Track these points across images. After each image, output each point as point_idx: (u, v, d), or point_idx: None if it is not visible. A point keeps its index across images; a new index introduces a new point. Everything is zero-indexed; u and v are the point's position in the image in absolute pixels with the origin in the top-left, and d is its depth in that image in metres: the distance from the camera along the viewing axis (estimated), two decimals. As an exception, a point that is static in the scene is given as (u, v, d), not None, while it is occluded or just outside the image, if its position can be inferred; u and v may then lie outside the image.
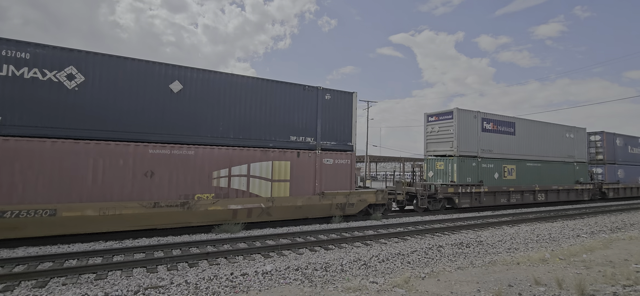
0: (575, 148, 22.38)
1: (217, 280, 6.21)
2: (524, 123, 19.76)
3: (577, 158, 22.53)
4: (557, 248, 9.41)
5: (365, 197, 13.32)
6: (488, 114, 18.03)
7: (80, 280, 6.24)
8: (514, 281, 6.24)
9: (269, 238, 9.73)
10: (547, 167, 20.45)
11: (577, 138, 22.72)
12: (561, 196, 20.92)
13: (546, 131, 20.92)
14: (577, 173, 22.29)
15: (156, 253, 8.16)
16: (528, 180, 19.30)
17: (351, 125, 13.38)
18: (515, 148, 19.04)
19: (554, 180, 20.62)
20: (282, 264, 7.27)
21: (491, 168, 17.81)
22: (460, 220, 13.69)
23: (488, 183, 17.54)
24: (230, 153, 10.79)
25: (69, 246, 8.65)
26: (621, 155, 26.42)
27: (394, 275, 6.86)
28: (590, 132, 25.63)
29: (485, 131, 17.81)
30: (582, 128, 23.33)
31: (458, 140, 16.73)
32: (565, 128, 22.12)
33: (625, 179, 26.23)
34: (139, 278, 6.36)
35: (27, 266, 6.96)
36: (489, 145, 17.87)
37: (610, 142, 25.57)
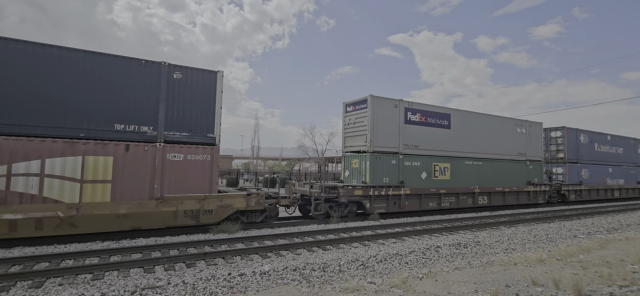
0: (528, 145, 19.67)
1: (214, 281, 6.19)
2: (462, 115, 17.08)
3: (531, 156, 19.79)
4: (554, 249, 9.45)
5: (230, 201, 10.78)
6: (414, 104, 15.45)
7: (77, 280, 6.21)
8: (512, 281, 6.25)
9: (267, 239, 9.71)
10: (491, 166, 17.79)
11: (531, 134, 19.99)
12: (509, 199, 18.16)
13: (491, 125, 18.18)
14: (530, 173, 19.59)
15: (153, 253, 8.13)
16: (466, 181, 16.65)
17: (214, 112, 10.77)
18: (450, 143, 16.36)
19: (500, 181, 17.94)
20: (280, 264, 7.26)
21: (417, 167, 15.22)
22: (457, 221, 13.71)
23: (412, 184, 14.91)
24: (9, 145, 8.15)
25: (66, 246, 8.60)
26: (586, 153, 23.91)
27: (392, 275, 6.87)
28: (550, 128, 23.54)
29: (409, 123, 15.12)
30: (538, 123, 20.60)
31: (372, 133, 14.07)
32: (515, 122, 19.45)
33: (590, 180, 23.65)
34: (136, 278, 6.33)
35: (23, 266, 6.92)
36: (414, 140, 15.25)
37: (573, 138, 23.17)
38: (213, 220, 10.54)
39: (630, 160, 27.95)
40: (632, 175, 27.86)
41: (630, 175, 27.64)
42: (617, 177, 26.12)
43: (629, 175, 27.47)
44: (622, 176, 26.53)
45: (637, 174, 28.52)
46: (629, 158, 27.84)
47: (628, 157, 27.68)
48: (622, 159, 27.01)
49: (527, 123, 19.90)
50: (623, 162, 27.09)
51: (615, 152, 26.47)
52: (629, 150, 27.84)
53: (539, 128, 20.62)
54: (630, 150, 28.05)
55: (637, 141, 29.23)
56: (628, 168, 27.43)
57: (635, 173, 28.27)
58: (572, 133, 23.14)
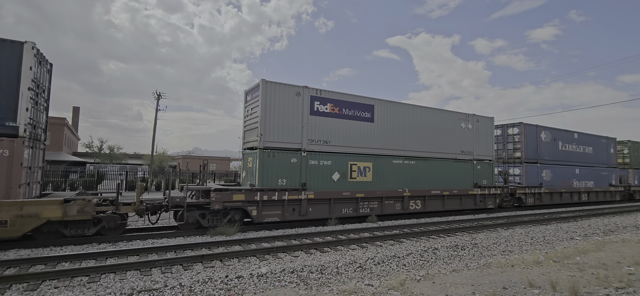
0: (476, 143, 17.26)
1: (211, 283, 6.17)
2: (390, 107, 14.72)
3: (479, 155, 17.42)
4: (551, 251, 9.49)
5: (37, 210, 8.38)
6: (324, 92, 13.09)
7: (73, 282, 6.17)
8: (509, 283, 6.27)
9: (264, 241, 9.69)
10: (427, 166, 15.54)
11: (480, 130, 17.59)
12: (450, 203, 16.01)
13: (427, 119, 15.90)
14: (477, 174, 17.20)
15: (150, 255, 8.09)
16: (393, 183, 14.40)
17: (16, 94, 8.47)
18: (373, 139, 14.07)
19: (438, 183, 15.71)
20: (278, 266, 7.24)
21: (327, 167, 12.86)
22: (455, 223, 13.73)
23: (319, 186, 12.58)
24: None
25: (62, 249, 8.55)
26: (548, 152, 21.63)
27: (390, 277, 6.87)
28: (507, 124, 21.51)
29: (317, 114, 12.78)
30: (488, 118, 18.18)
31: (263, 125, 11.77)
32: (459, 116, 16.97)
33: (552, 182, 21.44)
34: (133, 280, 6.30)
35: (18, 268, 6.87)
36: (324, 134, 12.88)
37: (532, 136, 20.96)
38: (11, 234, 8.10)
39: (602, 160, 25.72)
40: (604, 176, 25.55)
41: (602, 176, 25.37)
42: (585, 178, 23.87)
43: (600, 177, 25.19)
44: (591, 178, 24.32)
45: (609, 176, 26.09)
46: (600, 158, 25.62)
47: (599, 157, 25.50)
48: (591, 159, 24.80)
49: (474, 117, 17.58)
50: (593, 162, 24.90)
51: (584, 152, 24.25)
52: (600, 149, 25.61)
53: (489, 123, 18.27)
54: (602, 150, 25.79)
55: (610, 140, 26.87)
56: (599, 170, 25.20)
57: (608, 174, 25.93)
58: (531, 130, 21.03)
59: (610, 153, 26.55)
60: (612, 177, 26.13)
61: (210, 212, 10.82)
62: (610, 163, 26.32)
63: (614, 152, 26.88)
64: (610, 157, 26.46)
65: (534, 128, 21.23)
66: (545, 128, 21.85)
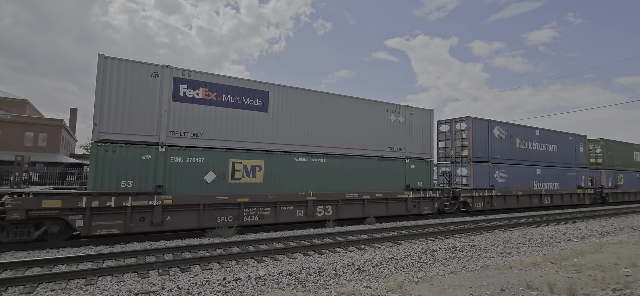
0: (409, 138, 15.12)
1: (209, 285, 6.15)
2: (291, 94, 12.39)
3: (414, 152, 15.25)
4: (549, 252, 9.51)
5: None
6: (196, 73, 10.80)
7: (70, 285, 6.14)
8: (506, 285, 6.28)
9: (263, 243, 9.67)
10: (341, 165, 13.21)
11: (414, 124, 15.36)
12: (372, 208, 13.68)
13: (345, 109, 13.53)
14: (411, 174, 15.04)
15: (148, 257, 8.06)
16: (294, 185, 12.09)
17: None
18: (266, 132, 11.81)
19: (356, 185, 13.46)
20: (276, 269, 7.23)
21: (196, 165, 10.52)
22: (453, 224, 13.75)
23: (183, 189, 10.26)
24: None
25: (58, 251, 8.50)
26: (502, 150, 19.32)
27: (388, 279, 6.87)
28: (455, 118, 19.09)
29: (183, 100, 10.51)
30: (426, 110, 15.94)
31: (99, 111, 9.53)
32: (386, 107, 14.70)
33: (507, 183, 19.16)
34: (130, 283, 6.27)
35: (14, 271, 6.83)
36: (193, 125, 10.63)
37: (482, 132, 18.59)
38: None
39: (569, 160, 23.30)
40: (571, 178, 23.02)
41: (568, 178, 22.85)
42: (548, 180, 21.48)
43: (567, 178, 22.75)
44: (556, 179, 21.97)
45: (578, 177, 23.54)
46: (567, 157, 23.21)
47: (566, 157, 23.10)
48: (556, 159, 22.42)
49: (407, 109, 15.30)
50: (558, 162, 22.50)
51: (547, 150, 21.84)
52: (566, 148, 23.19)
53: (427, 116, 15.94)
54: (569, 148, 23.38)
55: (579, 138, 24.42)
56: (565, 170, 22.74)
57: (576, 175, 23.37)
58: (480, 126, 18.58)
59: (579, 153, 24.23)
60: (582, 179, 23.85)
61: (10, 222, 8.52)
62: (579, 163, 24.01)
63: (583, 150, 24.59)
64: (579, 156, 24.16)
65: (485, 123, 18.84)
66: (500, 124, 19.54)
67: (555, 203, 21.65)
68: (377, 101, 14.54)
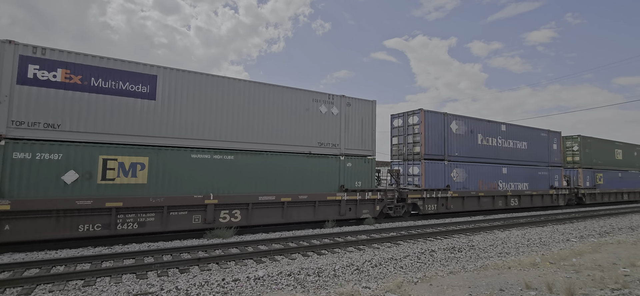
0: (344, 133, 13.25)
1: (208, 286, 6.14)
2: (188, 80, 10.58)
3: (350, 148, 13.41)
4: (548, 252, 9.53)
5: None
6: (51, 52, 8.96)
7: (68, 286, 6.12)
8: (505, 285, 6.29)
9: (262, 243, 9.66)
10: (255, 162, 11.36)
11: (351, 117, 13.56)
12: (294, 213, 11.99)
13: (260, 98, 11.68)
14: (347, 174, 13.20)
15: (146, 258, 8.04)
16: (190, 186, 10.28)
17: None
18: (153, 124, 10.06)
19: (275, 186, 11.64)
20: (275, 269, 7.22)
21: (51, 163, 8.71)
22: (452, 225, 13.76)
23: (30, 192, 8.45)
24: None
25: (57, 252, 8.48)
26: (461, 147, 17.35)
27: (387, 279, 6.87)
28: (408, 112, 17.09)
29: (33, 84, 8.72)
30: (366, 101, 14.11)
31: None
32: (315, 96, 12.85)
33: (466, 184, 17.27)
34: (128, 284, 6.26)
35: (12, 272, 6.81)
36: (46, 114, 8.83)
37: (437, 127, 16.61)
38: None
39: (540, 158, 21.38)
40: (542, 177, 21.19)
41: (540, 177, 21.03)
42: (516, 179, 19.64)
43: (537, 178, 20.88)
44: (525, 178, 20.14)
45: (551, 177, 21.74)
46: (538, 155, 21.29)
47: (536, 154, 21.17)
48: (525, 157, 20.51)
49: (343, 100, 13.41)
50: (528, 160, 20.61)
51: (514, 147, 19.97)
52: (538, 145, 21.34)
53: (369, 108, 14.09)
54: (541, 146, 21.52)
55: (553, 134, 22.46)
56: (536, 169, 20.91)
57: (548, 175, 21.55)
58: (435, 120, 16.66)
59: (553, 150, 22.33)
60: (555, 178, 21.98)
61: None
62: (552, 162, 22.09)
63: (558, 148, 22.68)
64: (552, 154, 22.23)
65: (440, 116, 16.88)
66: (458, 118, 17.54)
67: (523, 204, 19.86)
68: (303, 90, 12.64)
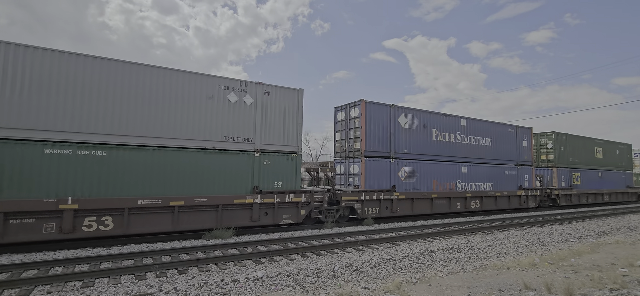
0: (262, 125, 11.48)
1: (207, 287, 6.13)
2: (39, 57, 8.68)
3: (269, 144, 11.62)
4: (546, 253, 9.54)
5: None
6: None
7: (66, 288, 6.10)
8: (504, 285, 6.29)
9: (261, 244, 9.65)
10: (136, 159, 9.67)
11: (271, 107, 11.74)
12: (190, 219, 10.26)
13: (144, 83, 9.92)
14: (264, 173, 11.44)
15: (145, 259, 8.02)
16: (37, 187, 8.45)
17: None
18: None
19: (164, 187, 9.96)
20: (274, 270, 7.21)
21: None
22: (451, 225, 13.77)
23: None
24: None
25: (55, 253, 8.45)
26: (412, 143, 15.47)
27: (386, 280, 6.86)
28: (350, 103, 15.06)
29: None
30: (290, 90, 12.24)
31: None
32: (222, 82, 11.04)
33: (417, 184, 15.41)
34: (127, 285, 6.24)
35: (10, 274, 6.78)
36: None
37: (381, 120, 14.64)
38: None
39: (508, 156, 19.46)
40: (510, 177, 19.29)
41: (507, 177, 19.07)
42: (478, 179, 17.70)
43: (504, 178, 18.91)
44: (488, 178, 18.16)
45: (520, 176, 19.87)
46: (505, 153, 19.31)
47: (503, 152, 19.20)
48: (490, 154, 18.54)
49: (261, 88, 11.63)
50: (492, 158, 18.63)
51: (476, 144, 17.97)
52: (505, 141, 19.34)
53: (293, 97, 12.23)
54: (508, 143, 19.55)
55: (522, 130, 20.52)
56: (502, 168, 18.93)
57: (516, 174, 19.66)
58: (378, 112, 14.65)
59: (523, 148, 20.38)
60: (525, 178, 20.14)
61: None
62: (522, 160, 20.18)
63: (528, 145, 20.79)
64: (522, 151, 20.27)
65: (385, 109, 14.90)
66: (408, 111, 15.63)
67: (486, 207, 17.93)
68: (205, 74, 10.98)
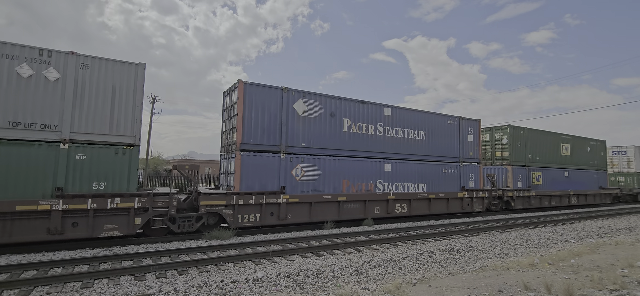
0: (73, 110, 9.06)
1: (206, 288, 6.11)
2: None
3: (87, 132, 9.23)
4: (546, 253, 9.53)
5: None
6: None
7: (66, 288, 6.09)
8: (504, 286, 6.28)
9: (260, 245, 9.64)
10: None
11: (91, 84, 9.29)
12: None
13: None
14: (75, 170, 8.98)
15: (144, 260, 8.01)
16: None
17: None
18: None
19: None
20: (273, 271, 7.20)
21: None
22: (451, 226, 13.76)
23: None
24: None
25: (54, 254, 8.44)
26: (314, 135, 12.72)
27: (386, 281, 6.85)
28: (232, 87, 12.42)
29: None
30: (127, 64, 9.74)
31: None
32: (11, 49, 8.58)
33: (320, 184, 12.64)
34: (127, 286, 6.23)
35: (9, 274, 6.76)
36: None
37: (268, 106, 11.93)
38: None
39: (447, 152, 16.51)
40: (450, 176, 16.36)
41: (446, 176, 16.20)
42: (407, 179, 14.85)
43: (443, 178, 16.10)
44: (421, 178, 15.36)
45: (464, 176, 16.92)
46: (443, 148, 16.38)
47: (441, 147, 16.30)
48: (423, 150, 15.63)
49: (75, 59, 9.12)
50: (426, 154, 15.71)
51: (406, 138, 15.11)
52: (443, 135, 16.44)
53: (132, 74, 9.76)
54: (447, 136, 16.61)
55: (467, 122, 17.40)
56: (438, 166, 16.04)
57: (458, 173, 16.74)
58: (264, 97, 11.90)
59: (467, 142, 17.34)
60: (470, 177, 17.17)
61: None
62: (465, 157, 17.18)
63: (475, 140, 17.75)
64: (466, 147, 17.28)
65: (276, 93, 12.02)
66: (309, 95, 12.66)
67: (417, 211, 14.90)
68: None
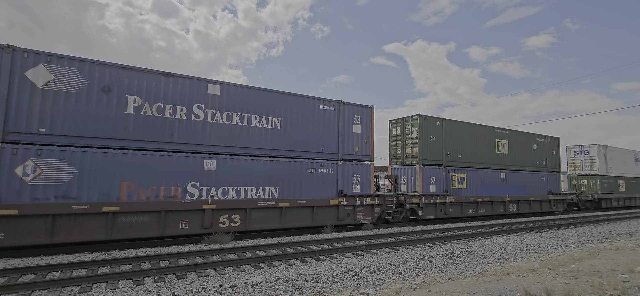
0: None
1: (205, 292, 6.09)
2: None
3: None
4: (546, 258, 9.51)
5: None
6: None
7: (64, 293, 6.06)
8: (504, 291, 6.26)
9: (260, 249, 9.61)
10: None
11: None
12: None
13: None
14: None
15: (143, 264, 7.98)
16: None
17: None
18: None
19: None
20: (273, 275, 7.17)
21: None
22: (451, 230, 13.72)
23: None
24: None
25: (53, 258, 8.41)
26: (60, 118, 8.62)
27: (386, 285, 6.83)
28: None
29: None
30: None
31: None
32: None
33: (75, 190, 8.66)
34: (125, 290, 6.20)
35: (7, 278, 6.73)
36: None
37: None
38: None
39: (316, 145, 12.67)
40: (319, 178, 12.54)
41: (311, 178, 12.35)
42: (244, 181, 11.10)
43: (305, 180, 12.26)
44: (270, 181, 11.57)
45: (344, 177, 13.12)
46: (310, 141, 12.57)
47: (306, 139, 12.48)
48: (276, 142, 11.87)
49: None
50: (280, 148, 11.93)
51: (246, 125, 11.27)
52: (312, 124, 12.55)
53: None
54: (319, 126, 12.69)
55: (351, 108, 13.40)
56: (302, 164, 12.26)
57: (334, 174, 12.93)
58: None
59: (352, 135, 13.39)
60: (355, 179, 13.36)
61: None
62: (348, 153, 13.28)
63: (365, 132, 13.71)
64: (350, 140, 13.36)
65: None
66: (61, 59, 8.68)
67: (261, 225, 11.21)
68: None
